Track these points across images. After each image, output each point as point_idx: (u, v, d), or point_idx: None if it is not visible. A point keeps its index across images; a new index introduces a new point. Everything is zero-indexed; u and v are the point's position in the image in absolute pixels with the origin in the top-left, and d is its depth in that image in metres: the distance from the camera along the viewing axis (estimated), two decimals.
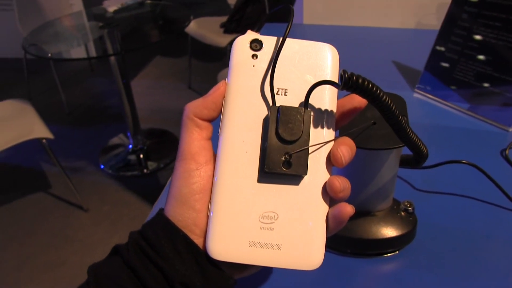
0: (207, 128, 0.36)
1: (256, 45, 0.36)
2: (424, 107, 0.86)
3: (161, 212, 0.35)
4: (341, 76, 0.32)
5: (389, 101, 0.33)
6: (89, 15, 2.60)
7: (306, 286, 0.51)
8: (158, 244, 0.33)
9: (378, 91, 0.32)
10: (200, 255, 0.33)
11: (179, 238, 0.33)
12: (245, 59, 0.35)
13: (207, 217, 0.34)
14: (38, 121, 1.95)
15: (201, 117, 0.35)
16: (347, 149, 0.34)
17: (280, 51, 0.35)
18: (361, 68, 1.01)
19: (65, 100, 3.05)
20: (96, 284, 0.33)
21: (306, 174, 0.33)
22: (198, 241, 0.34)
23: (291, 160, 0.33)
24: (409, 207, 0.55)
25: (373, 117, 0.48)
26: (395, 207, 0.55)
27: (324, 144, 0.34)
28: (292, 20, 0.34)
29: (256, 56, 0.35)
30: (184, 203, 0.34)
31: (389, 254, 0.54)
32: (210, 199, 0.34)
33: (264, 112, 0.34)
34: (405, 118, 0.43)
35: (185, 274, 0.32)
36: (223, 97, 0.35)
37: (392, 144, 0.46)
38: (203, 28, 2.80)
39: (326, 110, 0.35)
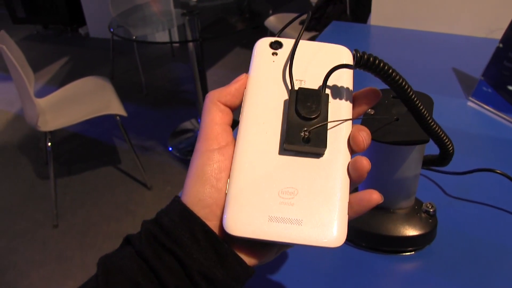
0: (228, 114, 0.36)
1: (276, 46, 0.38)
2: (476, 116, 0.83)
3: (177, 199, 0.34)
4: (353, 56, 0.33)
5: (402, 81, 0.34)
6: (175, 1, 2.68)
7: (316, 274, 0.52)
8: (175, 232, 0.32)
9: (390, 70, 0.33)
10: (219, 243, 0.32)
11: (197, 226, 0.32)
12: (266, 55, 0.38)
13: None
14: (115, 98, 2.06)
15: (224, 103, 0.36)
16: (366, 135, 0.34)
17: (299, 40, 0.37)
18: (417, 71, 1.00)
19: (144, 81, 3.20)
20: (105, 277, 0.31)
21: (325, 148, 0.33)
22: (217, 223, 0.33)
23: (310, 136, 0.33)
24: (431, 208, 0.54)
25: (398, 114, 0.48)
26: (416, 207, 0.55)
27: (343, 122, 0.34)
28: (308, 20, 0.37)
29: (276, 54, 0.38)
30: (206, 181, 0.33)
31: (404, 254, 0.54)
32: (229, 177, 0.34)
33: (284, 97, 0.35)
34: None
35: (203, 263, 0.31)
36: (245, 87, 0.37)
37: (413, 140, 0.46)
38: (282, 24, 2.81)
39: (343, 94, 0.36)
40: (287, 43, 0.38)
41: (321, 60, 0.37)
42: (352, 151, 0.34)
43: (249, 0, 2.66)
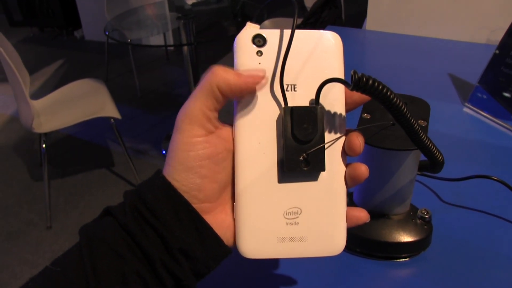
0: (222, 103, 0.34)
1: (259, 40, 0.35)
2: (472, 122, 0.82)
3: (161, 175, 0.34)
4: (351, 77, 0.31)
5: (400, 104, 0.33)
6: (170, 5, 2.70)
7: (310, 279, 0.52)
8: (159, 209, 0.32)
9: (392, 96, 0.32)
10: (201, 222, 0.33)
11: (181, 205, 0.33)
12: (250, 57, 0.34)
13: (220, 187, 0.35)
14: (110, 101, 2.07)
15: (223, 92, 0.34)
16: (362, 140, 0.35)
17: (288, 51, 0.34)
18: (413, 76, 0.99)
19: (139, 84, 3.21)
20: (89, 247, 0.32)
21: (324, 170, 0.34)
22: (200, 205, 0.34)
23: (309, 158, 0.34)
24: (426, 215, 0.53)
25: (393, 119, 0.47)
26: (411, 213, 0.54)
27: (338, 139, 0.35)
28: (297, 14, 0.33)
29: (261, 52, 0.34)
30: (190, 168, 0.33)
31: (399, 260, 0.53)
32: (234, 202, 0.35)
33: (277, 111, 0.35)
34: (419, 123, 0.42)
35: (184, 241, 0.32)
36: (256, 86, 0.34)
37: (408, 146, 0.45)
38: (278, 28, 2.82)
39: (336, 103, 0.35)
40: (271, 36, 0.35)
41: (310, 54, 0.35)
42: (349, 155, 0.36)
43: (242, 4, 2.69)
